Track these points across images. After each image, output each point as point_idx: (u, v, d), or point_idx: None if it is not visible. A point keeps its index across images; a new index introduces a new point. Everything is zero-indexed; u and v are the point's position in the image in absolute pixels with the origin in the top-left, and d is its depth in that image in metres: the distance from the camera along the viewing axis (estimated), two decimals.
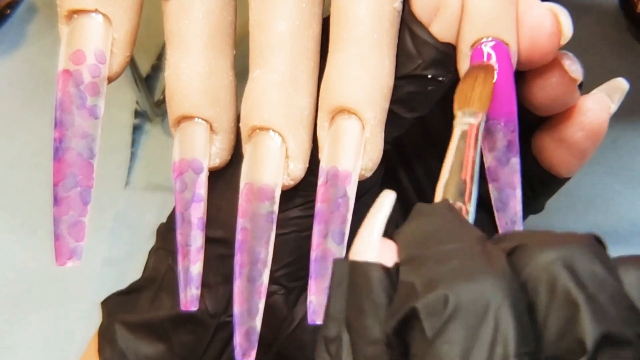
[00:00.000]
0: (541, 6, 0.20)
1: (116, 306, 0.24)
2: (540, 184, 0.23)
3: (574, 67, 0.20)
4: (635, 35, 0.39)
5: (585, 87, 0.22)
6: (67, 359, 0.38)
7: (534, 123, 0.23)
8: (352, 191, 0.19)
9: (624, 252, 0.37)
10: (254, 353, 0.20)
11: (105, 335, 0.23)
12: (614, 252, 0.36)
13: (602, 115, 0.22)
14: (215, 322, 0.22)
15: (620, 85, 0.22)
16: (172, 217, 0.24)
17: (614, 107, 0.22)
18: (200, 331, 0.22)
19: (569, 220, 0.36)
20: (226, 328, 0.22)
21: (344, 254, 0.19)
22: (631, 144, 0.37)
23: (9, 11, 0.48)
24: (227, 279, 0.21)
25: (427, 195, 0.25)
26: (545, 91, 0.21)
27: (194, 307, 0.20)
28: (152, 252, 0.24)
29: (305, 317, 0.22)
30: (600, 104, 0.22)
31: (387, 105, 0.20)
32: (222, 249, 0.21)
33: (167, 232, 0.24)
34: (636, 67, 0.38)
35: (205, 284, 0.20)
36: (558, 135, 0.22)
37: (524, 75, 0.21)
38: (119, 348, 0.23)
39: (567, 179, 0.24)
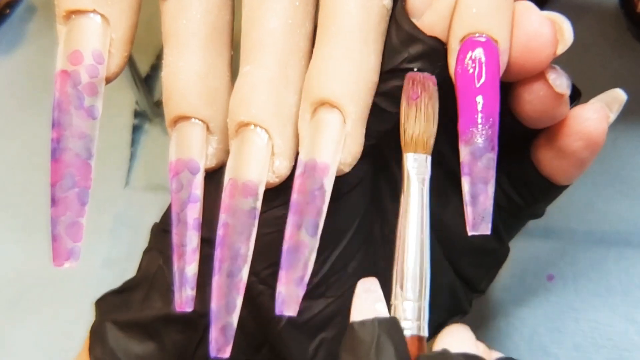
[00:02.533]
0: (539, 14, 0.19)
1: (109, 305, 0.24)
2: (539, 191, 0.23)
3: (558, 82, 0.20)
4: (635, 35, 0.39)
5: (584, 87, 0.22)
6: (66, 359, 0.38)
7: (532, 131, 0.22)
8: (329, 184, 0.19)
9: (624, 251, 0.37)
10: (229, 349, 0.19)
11: (96, 334, 0.23)
12: (614, 251, 0.36)
13: (601, 124, 0.21)
14: (204, 321, 0.22)
15: (618, 96, 0.22)
16: (165, 218, 0.24)
17: (612, 116, 0.22)
18: (190, 331, 0.22)
19: (569, 221, 0.36)
20: None
21: (316, 246, 0.19)
22: (631, 144, 0.37)
23: (8, 11, 0.48)
24: None
25: None
26: (532, 105, 0.20)
27: (189, 308, 0.20)
28: (145, 252, 0.24)
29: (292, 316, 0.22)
30: (599, 113, 0.21)
31: (370, 101, 0.20)
32: (210, 249, 0.21)
33: (159, 233, 0.24)
34: (636, 67, 0.38)
35: None
36: (556, 144, 0.22)
37: (512, 87, 0.21)
38: (110, 347, 0.23)
39: (566, 186, 0.23)
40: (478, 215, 0.19)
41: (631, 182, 0.36)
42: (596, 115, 0.21)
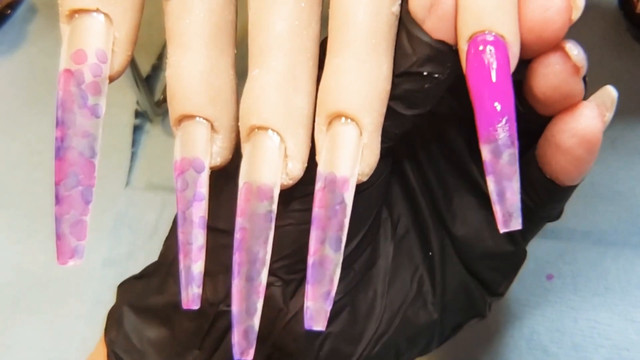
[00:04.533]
0: None
1: (128, 290, 0.25)
2: (545, 192, 0.23)
3: (575, 52, 0.20)
4: (635, 36, 0.39)
5: (585, 87, 0.22)
6: (67, 358, 0.38)
7: (539, 129, 0.22)
8: (349, 197, 0.19)
9: (623, 251, 0.37)
10: (252, 352, 0.20)
11: (112, 316, 0.24)
12: (613, 251, 0.36)
13: (595, 122, 0.21)
14: (214, 310, 0.22)
15: (610, 93, 0.22)
16: None
17: (608, 115, 0.22)
18: (199, 318, 0.23)
19: (569, 220, 0.36)
20: (224, 317, 0.23)
21: (341, 260, 0.19)
22: (630, 144, 0.37)
23: (9, 11, 0.48)
24: (228, 269, 0.21)
25: (429, 181, 0.25)
26: (547, 79, 0.20)
27: (195, 306, 0.20)
28: (166, 240, 0.25)
29: (300, 309, 0.22)
30: (593, 111, 0.21)
31: (384, 110, 0.20)
32: (223, 239, 0.21)
33: None
34: (636, 67, 0.38)
35: (205, 273, 0.20)
36: (554, 141, 0.22)
37: (526, 66, 0.21)
38: (124, 330, 0.24)
39: (573, 187, 0.23)
40: (507, 212, 0.19)
41: (630, 182, 0.36)
42: (591, 112, 0.21)
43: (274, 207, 0.19)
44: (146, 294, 0.24)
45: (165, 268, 0.24)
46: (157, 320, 0.24)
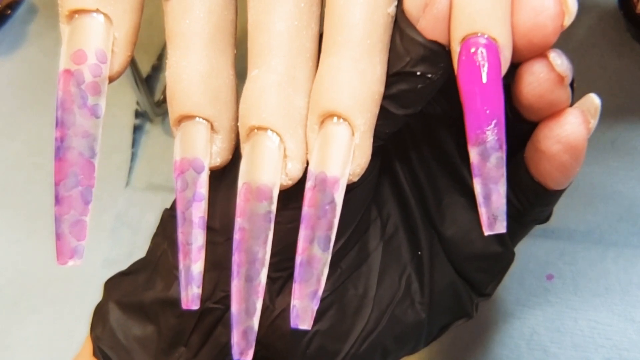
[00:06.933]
0: None
1: (115, 286, 0.25)
2: (534, 195, 0.23)
3: (559, 61, 0.20)
4: (634, 36, 0.39)
5: (584, 87, 0.22)
6: (66, 358, 0.38)
7: (528, 133, 0.22)
8: (339, 197, 0.19)
9: (623, 251, 0.37)
10: (251, 352, 0.20)
11: (99, 313, 0.24)
12: (613, 252, 0.36)
13: (579, 129, 0.21)
14: (200, 307, 0.22)
15: (593, 101, 0.22)
16: (175, 204, 0.24)
17: (593, 122, 0.22)
18: (186, 315, 0.23)
19: (569, 221, 0.36)
20: (211, 314, 0.23)
21: (329, 260, 0.19)
22: (630, 144, 0.37)
23: (9, 11, 0.49)
24: (214, 266, 0.22)
25: (420, 181, 0.25)
26: (532, 87, 0.20)
27: (195, 306, 0.20)
28: (153, 237, 0.25)
29: (287, 307, 0.22)
30: (578, 118, 0.21)
31: (377, 111, 0.20)
32: (210, 236, 0.21)
33: (168, 219, 0.24)
34: (636, 67, 0.38)
35: None
36: (540, 147, 0.22)
37: (515, 70, 0.21)
38: (110, 327, 0.24)
39: (561, 191, 0.23)
40: (492, 215, 0.19)
41: (630, 182, 0.37)
42: (575, 119, 0.21)
43: (274, 207, 0.19)
44: (133, 291, 0.24)
45: (152, 265, 0.24)
46: (143, 317, 0.24)
